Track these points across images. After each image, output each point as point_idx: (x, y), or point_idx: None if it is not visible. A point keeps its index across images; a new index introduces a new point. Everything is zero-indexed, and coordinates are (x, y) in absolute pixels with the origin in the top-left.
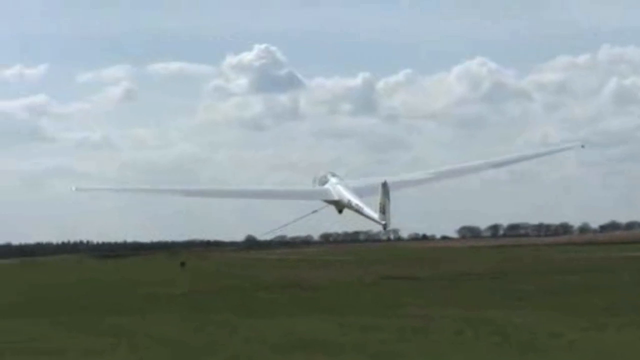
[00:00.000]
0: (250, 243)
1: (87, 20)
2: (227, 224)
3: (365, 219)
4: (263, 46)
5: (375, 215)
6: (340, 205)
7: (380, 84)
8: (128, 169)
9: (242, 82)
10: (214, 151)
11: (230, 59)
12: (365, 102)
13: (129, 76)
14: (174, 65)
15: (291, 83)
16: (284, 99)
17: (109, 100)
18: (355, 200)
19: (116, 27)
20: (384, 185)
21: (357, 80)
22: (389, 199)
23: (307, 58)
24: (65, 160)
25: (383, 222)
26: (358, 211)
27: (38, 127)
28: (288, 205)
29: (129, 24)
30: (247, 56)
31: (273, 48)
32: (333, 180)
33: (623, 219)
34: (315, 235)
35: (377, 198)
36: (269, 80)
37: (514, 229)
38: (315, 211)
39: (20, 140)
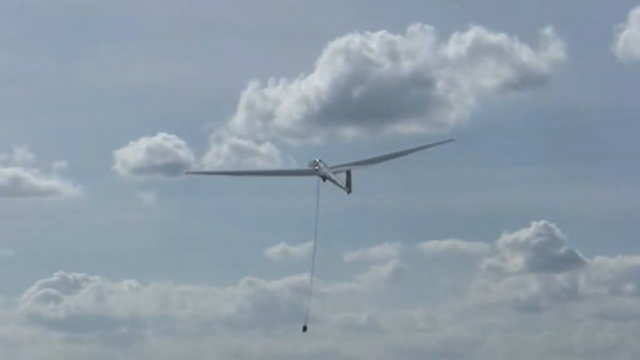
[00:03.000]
0: None
1: (356, 198)
2: None
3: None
4: (541, 223)
5: (342, 184)
6: (324, 177)
7: None
8: (394, 351)
9: (517, 260)
10: (487, 334)
11: (506, 237)
12: None
13: (398, 254)
14: (446, 243)
15: (570, 262)
16: (562, 278)
17: (376, 279)
18: (332, 176)
19: (385, 204)
20: (348, 172)
21: None
22: (350, 177)
23: (588, 235)
24: (329, 343)
25: (347, 190)
26: (333, 181)
27: (302, 308)
28: None
29: (398, 202)
30: (524, 234)
31: (552, 225)
32: (320, 163)
33: None
34: None
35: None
36: (546, 259)
37: None
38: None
39: (283, 321)
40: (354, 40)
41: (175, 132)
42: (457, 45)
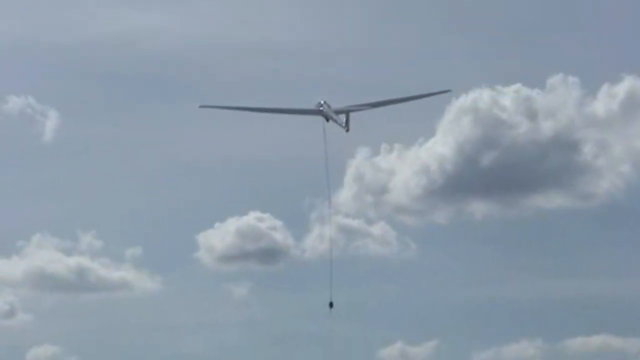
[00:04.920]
0: None
1: (487, 288)
2: None
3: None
4: None
5: (343, 122)
6: (326, 117)
7: None
8: None
9: None
10: None
11: None
12: None
13: (540, 354)
14: (597, 340)
15: None
16: None
17: None
18: (334, 116)
19: (523, 294)
20: (347, 113)
21: None
22: (348, 117)
23: None
24: None
25: (345, 128)
26: (334, 120)
27: None
28: None
29: (538, 291)
30: None
31: None
32: (324, 105)
33: None
34: None
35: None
36: None
37: None
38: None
39: None
40: (482, 96)
41: (270, 211)
42: (607, 100)
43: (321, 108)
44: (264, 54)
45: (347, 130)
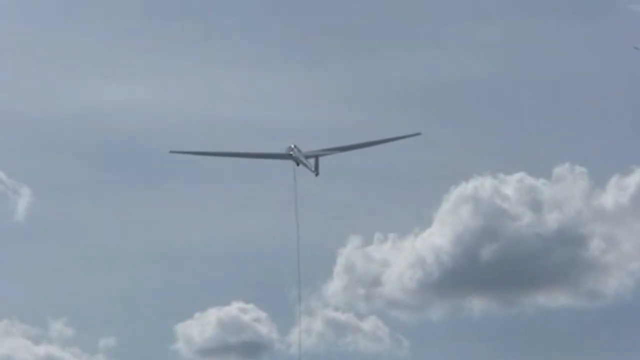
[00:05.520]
0: None
1: None
2: None
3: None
4: None
5: (312, 167)
6: (297, 161)
7: None
8: None
9: None
10: None
11: None
12: None
13: None
14: None
15: None
16: None
17: None
18: (304, 160)
19: None
20: (316, 158)
21: None
22: (317, 162)
23: None
24: None
25: (315, 172)
26: (304, 164)
27: None
28: None
29: None
30: None
31: None
32: (295, 149)
33: None
34: None
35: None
36: None
37: None
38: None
39: None
40: (483, 185)
41: (254, 301)
42: (616, 193)
43: (291, 152)
44: (243, 129)
45: (317, 175)
